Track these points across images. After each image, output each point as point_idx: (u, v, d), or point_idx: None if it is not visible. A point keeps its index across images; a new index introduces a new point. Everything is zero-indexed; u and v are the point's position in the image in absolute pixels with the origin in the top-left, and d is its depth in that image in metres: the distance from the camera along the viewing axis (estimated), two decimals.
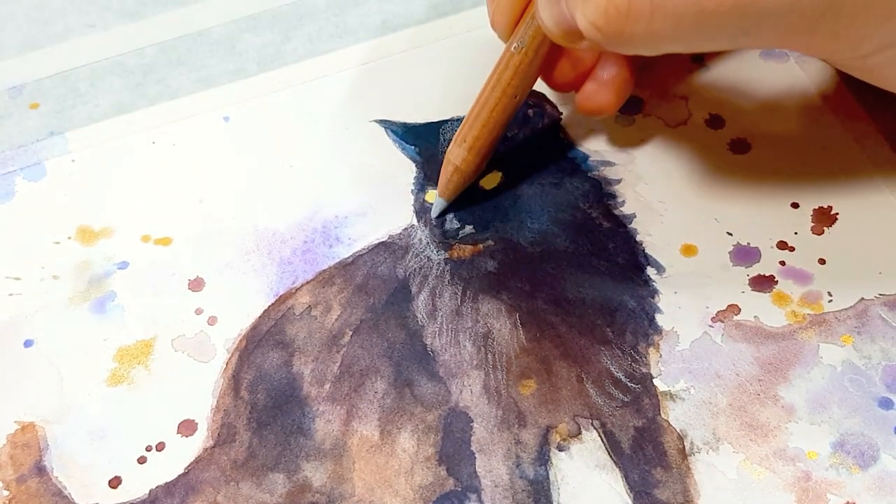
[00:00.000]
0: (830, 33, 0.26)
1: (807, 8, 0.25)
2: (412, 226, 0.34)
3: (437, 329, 0.32)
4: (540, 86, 0.37)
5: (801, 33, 0.26)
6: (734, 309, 0.32)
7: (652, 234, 0.33)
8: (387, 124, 0.37)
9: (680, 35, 0.26)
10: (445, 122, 0.37)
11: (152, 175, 0.36)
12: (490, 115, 0.32)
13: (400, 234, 0.34)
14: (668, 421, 0.30)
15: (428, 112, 0.37)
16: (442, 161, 0.34)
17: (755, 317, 0.31)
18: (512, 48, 0.32)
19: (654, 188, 0.35)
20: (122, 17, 0.41)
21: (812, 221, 0.33)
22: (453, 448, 0.30)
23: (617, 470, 0.29)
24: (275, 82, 0.39)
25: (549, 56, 0.32)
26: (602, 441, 0.29)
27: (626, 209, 0.34)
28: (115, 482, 0.29)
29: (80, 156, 0.37)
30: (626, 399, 0.30)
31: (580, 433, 0.30)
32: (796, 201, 0.34)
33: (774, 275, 0.32)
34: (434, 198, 0.34)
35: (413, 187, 0.35)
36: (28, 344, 0.32)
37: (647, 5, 0.25)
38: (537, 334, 0.31)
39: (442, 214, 0.34)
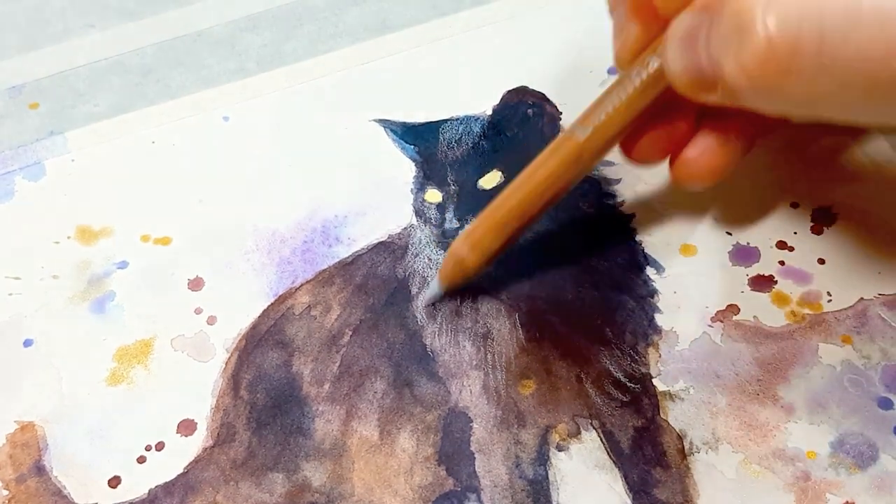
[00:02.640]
0: None
1: None
2: (412, 225, 0.34)
3: (436, 329, 0.32)
4: (540, 87, 0.37)
5: None
6: (733, 309, 0.32)
7: (651, 234, 0.33)
8: (386, 124, 0.37)
9: (843, 102, 0.22)
10: (445, 121, 0.37)
11: (152, 175, 0.36)
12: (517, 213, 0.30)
13: (399, 233, 0.34)
14: (667, 421, 0.30)
15: (428, 112, 0.37)
16: (441, 160, 0.33)
17: (754, 317, 0.31)
18: (576, 134, 0.29)
19: (654, 188, 0.35)
20: (122, 17, 0.41)
21: (811, 221, 0.33)
22: (453, 448, 0.30)
23: (616, 470, 0.29)
24: (274, 82, 0.39)
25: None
26: (601, 441, 0.29)
27: (626, 209, 0.34)
28: (114, 482, 0.29)
29: (79, 155, 0.37)
30: (625, 399, 0.30)
31: (579, 433, 0.30)
32: (796, 201, 0.34)
33: (774, 275, 0.32)
34: (433, 283, 0.32)
35: (412, 187, 0.35)
36: (28, 344, 0.32)
37: (812, 60, 0.22)
38: (537, 334, 0.31)
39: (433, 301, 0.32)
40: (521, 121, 0.36)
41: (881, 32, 0.21)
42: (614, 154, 0.35)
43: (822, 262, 0.32)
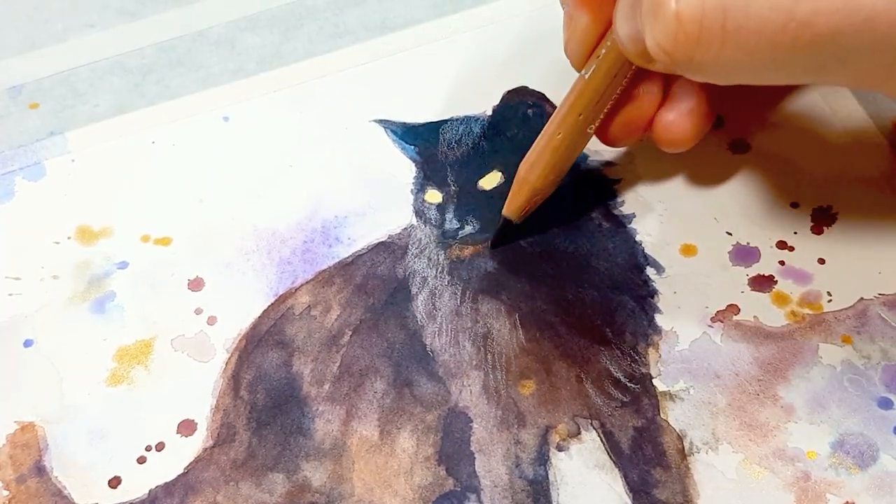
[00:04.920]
0: None
1: (890, 48, 0.23)
2: (412, 226, 0.34)
3: (436, 329, 0.32)
4: (540, 87, 0.37)
5: (882, 74, 0.25)
6: (734, 309, 0.32)
7: (651, 234, 0.33)
8: (386, 124, 0.37)
9: (753, 67, 0.25)
10: (445, 122, 0.37)
11: (152, 175, 0.36)
12: (561, 141, 0.31)
13: (399, 234, 0.34)
14: (667, 421, 0.30)
15: (428, 112, 0.37)
16: (442, 161, 0.33)
17: (755, 317, 0.31)
18: (585, 75, 0.30)
19: (654, 188, 0.35)
20: (122, 17, 0.41)
21: (811, 221, 0.33)
22: (453, 448, 0.30)
23: (616, 470, 0.29)
24: (274, 82, 0.39)
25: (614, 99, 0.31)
26: (601, 441, 0.29)
27: (625, 209, 0.34)
28: (114, 482, 0.29)
29: (79, 156, 0.37)
30: (625, 399, 0.30)
31: (579, 433, 0.30)
32: (796, 201, 0.34)
33: (774, 275, 0.32)
34: (498, 225, 0.33)
35: (412, 187, 0.35)
36: (28, 344, 0.32)
37: (718, 33, 0.24)
38: (537, 334, 0.31)
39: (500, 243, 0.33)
40: (521, 121, 0.36)
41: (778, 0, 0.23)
42: (615, 154, 0.35)
43: (822, 262, 0.32)
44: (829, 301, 0.32)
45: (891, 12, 0.23)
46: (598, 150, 0.35)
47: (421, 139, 0.36)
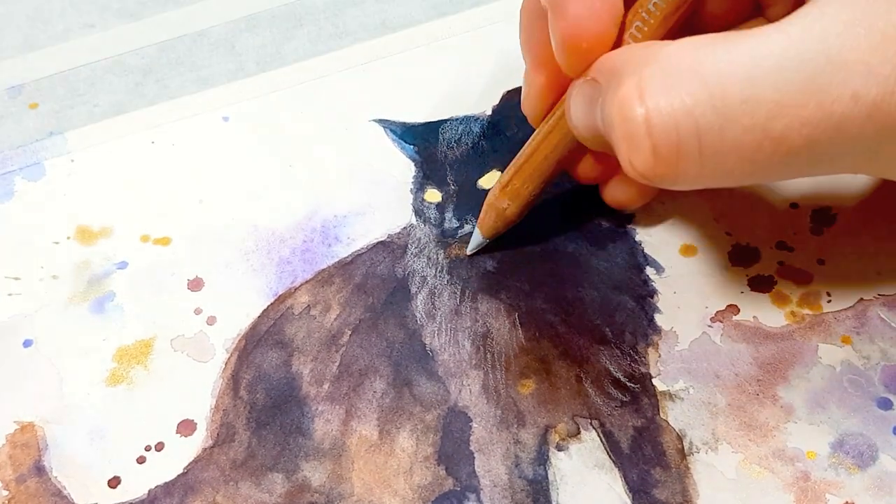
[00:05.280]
0: (891, 156, 0.25)
1: (865, 147, 0.24)
2: (411, 225, 0.34)
3: (436, 328, 0.32)
4: None
5: (863, 165, 0.26)
6: (733, 309, 0.32)
7: (651, 234, 0.33)
8: (386, 124, 0.37)
9: (731, 179, 0.25)
10: (444, 121, 0.37)
11: (151, 175, 0.36)
12: (542, 160, 0.31)
13: (399, 233, 0.34)
14: (667, 421, 0.30)
15: (427, 112, 0.37)
16: (441, 160, 0.33)
17: (754, 317, 0.31)
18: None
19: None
20: (122, 17, 0.41)
21: (811, 222, 0.33)
22: (452, 448, 0.30)
23: (616, 470, 0.29)
24: (274, 82, 0.39)
25: (573, 152, 0.31)
26: (601, 441, 0.29)
27: None
28: (114, 482, 0.29)
29: (79, 156, 0.37)
30: (625, 399, 0.30)
31: (579, 433, 0.30)
32: (795, 201, 0.34)
33: (773, 275, 0.32)
34: (476, 234, 0.33)
35: (412, 186, 0.35)
36: (27, 344, 0.32)
37: (695, 158, 0.24)
38: (536, 334, 0.31)
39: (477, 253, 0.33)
40: (521, 121, 0.36)
41: (752, 120, 0.23)
42: None
43: (821, 262, 0.32)
44: (829, 301, 0.32)
45: (857, 115, 0.23)
46: None
47: (420, 139, 0.36)
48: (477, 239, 0.33)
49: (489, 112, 0.37)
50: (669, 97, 0.23)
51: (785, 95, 0.23)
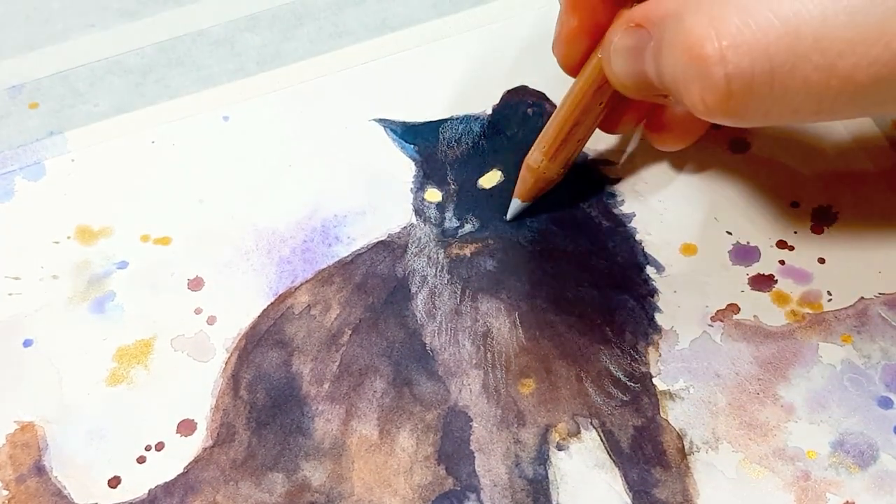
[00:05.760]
0: None
1: None
2: (411, 225, 0.34)
3: (436, 328, 0.32)
4: (540, 87, 0.37)
5: None
6: (734, 308, 0.32)
7: (651, 234, 0.33)
8: (386, 123, 0.37)
9: (796, 118, 0.25)
10: (445, 121, 0.37)
11: (152, 175, 0.36)
12: (573, 117, 0.31)
13: (399, 232, 0.34)
14: (667, 420, 0.30)
15: (427, 111, 0.37)
16: (441, 160, 0.33)
17: (755, 316, 0.31)
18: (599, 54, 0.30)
19: (654, 188, 0.35)
20: (122, 17, 0.41)
21: (811, 221, 0.33)
22: (452, 447, 0.30)
23: (616, 469, 0.29)
24: (274, 82, 0.39)
25: (607, 105, 0.31)
26: (601, 440, 0.29)
27: (625, 208, 0.34)
28: (114, 482, 0.29)
29: (79, 155, 0.37)
30: (625, 398, 0.30)
31: (579, 432, 0.30)
32: (796, 200, 0.34)
33: (774, 274, 0.32)
34: (514, 202, 0.33)
35: (412, 186, 0.35)
36: (27, 344, 0.32)
37: (766, 94, 0.24)
38: (536, 333, 0.31)
39: (517, 217, 0.34)
40: (521, 120, 0.36)
41: (822, 59, 0.24)
42: (614, 154, 0.35)
43: (822, 261, 0.32)
44: (830, 300, 0.32)
45: None
46: (597, 150, 0.36)
47: (421, 138, 0.36)
48: (516, 204, 0.33)
49: (489, 112, 0.37)
50: (745, 35, 0.24)
51: (857, 34, 0.23)
